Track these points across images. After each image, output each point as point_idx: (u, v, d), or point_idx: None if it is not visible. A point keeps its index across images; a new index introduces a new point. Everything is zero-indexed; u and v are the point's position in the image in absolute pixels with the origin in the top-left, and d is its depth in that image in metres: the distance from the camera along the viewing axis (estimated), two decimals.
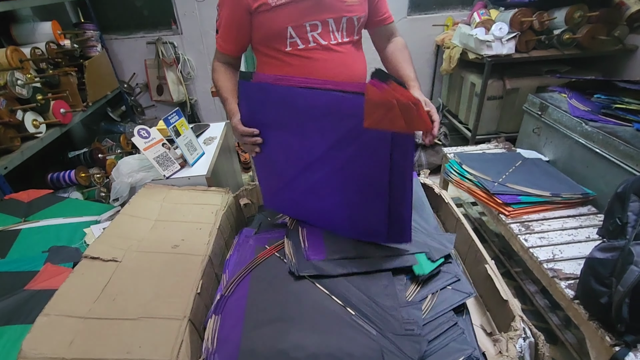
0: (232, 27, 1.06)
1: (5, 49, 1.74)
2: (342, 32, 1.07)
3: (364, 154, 0.85)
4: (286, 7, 0.99)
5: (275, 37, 1.04)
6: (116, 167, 1.33)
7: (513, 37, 2.22)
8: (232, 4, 1.02)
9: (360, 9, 1.06)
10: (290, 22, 1.01)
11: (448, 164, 1.89)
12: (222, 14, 1.06)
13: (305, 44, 1.04)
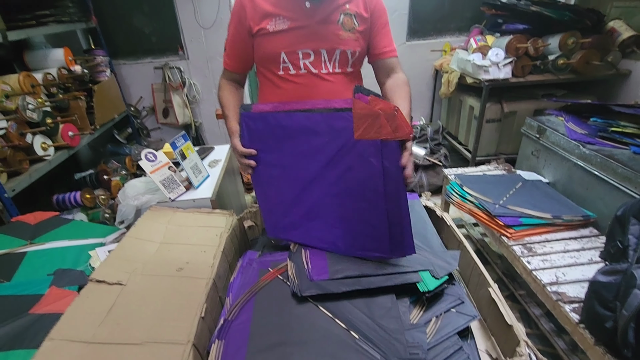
0: (236, 47, 1.14)
1: (18, 74, 1.80)
2: (334, 62, 1.11)
3: (357, 165, 0.91)
4: (282, 34, 1.05)
5: (270, 60, 1.10)
6: (122, 189, 1.36)
7: (509, 63, 2.29)
8: (237, 26, 1.10)
9: (354, 44, 1.10)
10: (284, 48, 1.07)
11: (449, 186, 1.91)
12: (229, 34, 1.14)
13: (296, 70, 1.10)
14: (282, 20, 1.04)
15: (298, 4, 1.04)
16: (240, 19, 1.08)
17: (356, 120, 0.87)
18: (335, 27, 1.06)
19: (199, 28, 2.75)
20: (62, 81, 2.13)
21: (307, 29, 1.05)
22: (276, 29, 1.05)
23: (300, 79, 1.10)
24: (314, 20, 1.05)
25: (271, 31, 1.05)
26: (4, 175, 1.68)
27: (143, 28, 2.85)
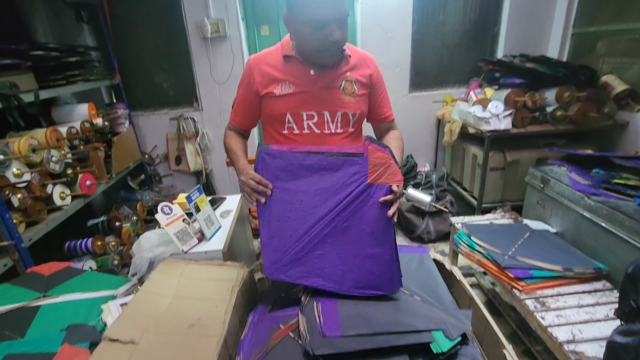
0: (244, 106, 1.24)
1: (46, 129, 1.92)
2: (336, 123, 1.19)
3: (367, 206, 1.01)
4: (288, 97, 1.15)
5: (276, 120, 1.19)
6: (137, 242, 1.39)
7: (509, 114, 2.39)
8: (247, 87, 1.20)
9: (355, 106, 1.18)
10: (289, 110, 1.16)
11: (457, 235, 1.92)
12: (238, 93, 1.25)
13: (300, 130, 1.18)
14: (288, 85, 1.15)
15: (303, 71, 1.15)
16: (249, 82, 1.18)
17: (371, 167, 1.00)
18: (337, 92, 1.16)
19: (214, 83, 2.94)
20: (84, 134, 2.25)
21: (311, 93, 1.15)
22: (282, 92, 1.14)
23: (303, 138, 1.18)
24: (318, 86, 1.15)
25: (277, 94, 1.15)
26: (22, 225, 1.74)
27: (162, 83, 3.05)
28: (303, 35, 1.06)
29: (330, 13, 1.00)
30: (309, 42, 1.06)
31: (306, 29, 1.03)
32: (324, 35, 1.02)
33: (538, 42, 3.02)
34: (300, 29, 1.05)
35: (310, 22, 1.01)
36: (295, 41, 1.12)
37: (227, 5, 2.74)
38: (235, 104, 1.27)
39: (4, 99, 1.65)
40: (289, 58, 1.15)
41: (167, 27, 2.89)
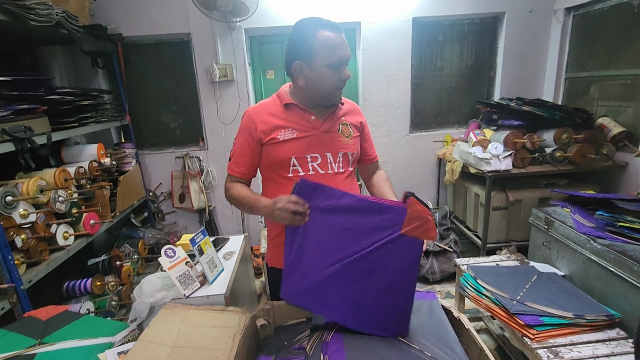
0: (245, 155, 1.24)
1: (55, 170, 1.96)
2: (338, 163, 1.26)
3: (395, 255, 1.03)
4: (292, 141, 1.20)
5: (280, 165, 1.22)
6: (139, 285, 1.37)
7: (509, 155, 2.43)
8: (247, 137, 1.22)
9: (354, 147, 1.29)
10: (294, 154, 1.20)
11: (462, 278, 1.88)
12: (237, 144, 1.25)
13: (305, 172, 1.22)
14: (291, 131, 1.20)
15: (305, 118, 1.22)
16: (251, 131, 1.21)
17: (408, 218, 1.01)
18: (336, 134, 1.25)
19: (220, 123, 3.03)
20: (91, 173, 2.29)
21: (315, 136, 1.22)
22: (286, 137, 1.20)
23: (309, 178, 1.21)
24: (319, 130, 1.23)
25: (281, 140, 1.19)
26: (23, 266, 1.73)
27: (170, 123, 3.15)
28: (320, 79, 1.16)
29: (345, 55, 1.15)
30: (326, 84, 1.16)
31: (325, 71, 1.14)
32: (339, 75, 1.16)
33: (533, 85, 3.14)
34: (318, 74, 1.15)
35: (331, 65, 1.13)
36: (308, 87, 1.19)
37: (235, 51, 2.89)
38: (234, 155, 1.26)
39: (17, 141, 1.70)
40: (289, 106, 1.23)
41: (178, 71, 3.03)
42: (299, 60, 1.15)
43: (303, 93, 1.22)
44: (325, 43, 1.12)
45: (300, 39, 1.14)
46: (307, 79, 1.17)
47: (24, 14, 1.71)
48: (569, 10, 2.87)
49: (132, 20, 2.78)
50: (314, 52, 1.12)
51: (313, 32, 1.12)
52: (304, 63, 1.15)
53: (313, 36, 1.12)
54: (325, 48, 1.12)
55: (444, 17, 3.01)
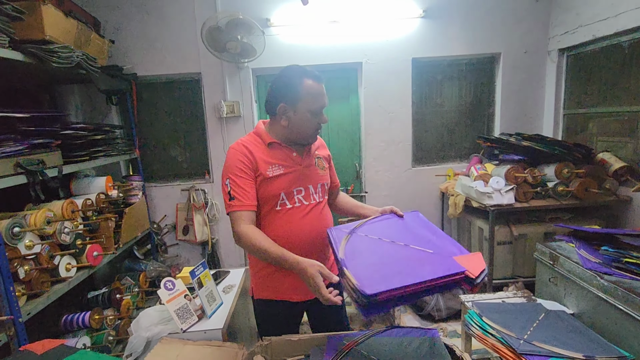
0: (250, 187, 1.26)
1: (63, 202, 2.01)
2: (318, 194, 1.40)
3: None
4: (280, 177, 1.30)
5: (270, 199, 1.30)
6: (136, 319, 1.36)
7: (511, 189, 2.44)
8: (246, 170, 1.26)
9: (326, 178, 1.46)
10: (283, 189, 1.30)
11: (467, 315, 1.83)
12: (237, 179, 1.24)
13: (292, 204, 1.33)
14: (278, 167, 1.30)
15: (287, 155, 1.34)
16: (245, 163, 1.26)
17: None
18: (314, 168, 1.40)
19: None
20: (98, 205, 2.34)
21: (297, 172, 1.34)
22: (274, 174, 1.29)
23: (294, 210, 1.33)
24: (301, 165, 1.35)
25: (270, 176, 1.28)
26: (23, 297, 1.72)
27: (177, 156, 3.25)
28: (302, 121, 1.28)
29: (325, 103, 1.30)
30: (307, 126, 1.30)
31: (307, 116, 1.27)
32: (318, 120, 1.30)
33: (532, 121, 3.21)
34: (301, 117, 1.27)
35: (313, 111, 1.27)
36: (290, 127, 1.30)
37: (242, 89, 3.03)
38: (238, 191, 1.23)
39: (30, 174, 1.77)
40: (272, 144, 1.32)
41: (187, 108, 3.17)
42: (284, 103, 1.26)
43: (284, 132, 1.32)
44: (309, 91, 1.24)
45: (288, 83, 1.26)
46: (290, 121, 1.28)
47: (47, 57, 1.84)
48: (562, 51, 2.99)
49: (146, 60, 2.96)
50: (299, 97, 1.25)
51: (299, 79, 1.24)
52: (288, 106, 1.26)
53: (299, 83, 1.24)
54: (309, 95, 1.25)
55: (442, 58, 3.16)
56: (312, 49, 3.01)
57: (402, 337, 1.31)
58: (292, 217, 1.32)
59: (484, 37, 3.08)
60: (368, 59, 3.07)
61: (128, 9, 2.89)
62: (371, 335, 1.32)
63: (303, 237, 1.33)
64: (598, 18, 2.54)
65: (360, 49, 3.06)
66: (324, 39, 3.01)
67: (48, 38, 1.90)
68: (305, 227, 1.33)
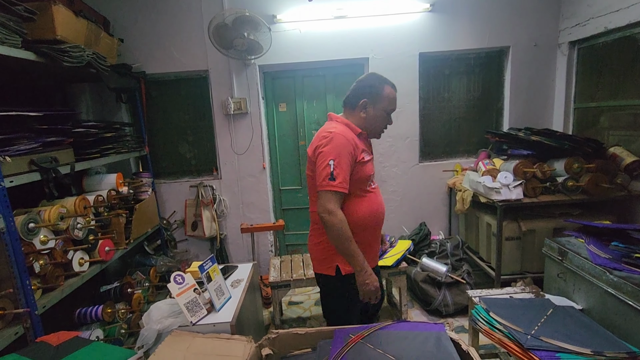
0: (349, 173, 1.43)
1: (75, 198, 2.06)
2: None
3: None
4: (369, 162, 1.54)
5: (364, 180, 1.51)
6: (148, 312, 1.40)
7: (519, 185, 2.42)
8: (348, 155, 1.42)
9: None
10: (371, 172, 1.55)
11: (474, 310, 1.83)
12: (342, 163, 1.39)
13: (374, 184, 1.60)
14: (367, 153, 1.54)
15: (368, 143, 1.61)
16: (350, 151, 1.43)
17: None
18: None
19: (233, 154, 3.15)
20: (109, 201, 2.39)
21: (372, 160, 1.58)
22: (367, 159, 1.51)
23: (374, 190, 1.58)
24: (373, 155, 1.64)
25: (365, 160, 1.49)
26: (39, 291, 1.78)
27: (185, 153, 3.29)
28: (377, 118, 1.52)
29: (396, 108, 1.57)
30: (379, 123, 1.55)
31: (383, 114, 1.53)
32: (388, 120, 1.57)
33: (542, 115, 3.17)
34: (377, 114, 1.52)
35: (387, 111, 1.54)
36: (368, 121, 1.52)
37: (249, 86, 3.05)
38: (341, 174, 1.38)
39: (43, 171, 1.81)
40: (360, 135, 1.53)
41: (195, 105, 3.20)
42: (366, 99, 1.50)
43: (362, 124, 1.53)
44: (388, 95, 1.51)
45: (372, 84, 1.51)
46: (368, 115, 1.52)
47: (58, 56, 1.88)
48: (573, 44, 2.94)
49: (155, 58, 3.00)
50: (381, 98, 1.50)
51: (382, 84, 1.51)
52: (369, 102, 1.50)
53: (381, 87, 1.50)
54: (387, 98, 1.51)
55: (449, 52, 3.13)
56: (318, 44, 3.01)
57: (408, 331, 1.32)
58: (377, 196, 1.58)
59: (493, 30, 3.04)
60: (375, 54, 3.06)
61: (136, 7, 2.93)
62: (378, 329, 1.34)
63: (382, 212, 1.59)
64: (610, 9, 2.48)
65: (367, 44, 3.05)
66: (331, 35, 3.00)
67: (59, 38, 1.93)
68: (382, 204, 1.59)
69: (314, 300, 3.03)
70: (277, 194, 3.40)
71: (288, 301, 3.04)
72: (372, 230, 1.55)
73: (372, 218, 1.53)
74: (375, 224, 1.56)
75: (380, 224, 1.61)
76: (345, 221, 1.38)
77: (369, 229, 1.53)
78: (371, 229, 1.55)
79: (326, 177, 1.37)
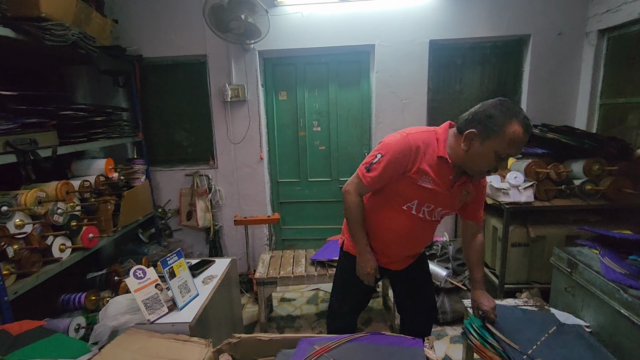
0: (386, 177, 1.30)
1: (57, 183, 2.01)
2: (440, 214, 1.40)
3: None
4: (425, 190, 1.29)
5: (402, 197, 1.34)
6: (105, 307, 1.32)
7: (530, 186, 2.21)
8: (398, 163, 1.27)
9: (457, 208, 1.43)
10: (419, 198, 1.33)
11: (467, 321, 1.66)
12: (384, 164, 1.28)
13: (417, 212, 1.36)
14: (430, 181, 1.29)
15: (446, 174, 1.29)
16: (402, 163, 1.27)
17: None
18: (457, 198, 1.36)
19: (230, 143, 3.05)
20: (97, 187, 2.33)
21: (441, 194, 1.31)
22: (423, 184, 1.29)
23: (414, 217, 1.37)
24: (449, 191, 1.32)
25: (419, 184, 1.29)
26: (12, 277, 1.73)
27: (182, 141, 3.22)
28: (482, 158, 1.20)
29: (515, 153, 1.20)
30: (482, 164, 1.22)
31: (491, 156, 1.18)
32: (496, 164, 1.21)
33: (563, 111, 2.90)
34: (483, 152, 1.18)
35: (498, 155, 1.17)
36: (466, 154, 1.22)
37: (247, 72, 2.93)
38: (377, 170, 1.29)
39: (20, 153, 1.76)
40: (441, 159, 1.27)
41: (193, 91, 3.11)
42: (476, 130, 1.18)
43: (458, 155, 1.24)
44: (509, 135, 1.13)
45: (493, 115, 1.15)
46: (471, 149, 1.20)
47: (38, 34, 1.80)
48: (602, 32, 2.65)
49: (153, 42, 2.91)
50: (496, 136, 1.14)
51: (508, 118, 1.13)
52: (478, 135, 1.18)
53: (506, 122, 1.13)
54: (506, 140, 1.14)
55: (463, 40, 2.90)
56: (322, 29, 2.84)
57: (381, 345, 1.18)
58: (409, 221, 1.38)
59: (512, 17, 2.78)
60: (381, 41, 2.87)
61: None
62: (347, 341, 1.21)
63: (405, 239, 1.43)
64: None
65: (373, 30, 2.86)
66: (335, 19, 2.83)
67: (44, 15, 1.86)
68: (413, 233, 1.41)
69: (306, 299, 2.92)
70: (274, 186, 3.29)
71: (280, 297, 2.94)
72: (385, 241, 1.46)
73: (387, 232, 1.43)
74: (389, 241, 1.45)
75: (398, 244, 1.46)
76: (360, 207, 1.37)
77: (380, 240, 1.46)
78: (384, 241, 1.46)
79: (366, 163, 1.33)
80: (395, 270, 1.56)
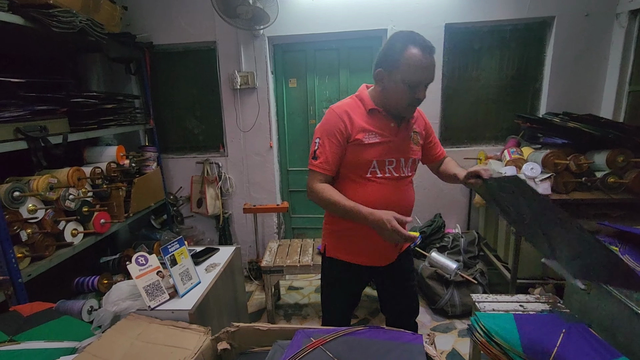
0: (335, 153, 1.28)
1: (69, 169, 2.05)
2: (408, 167, 1.37)
3: None
4: (375, 146, 1.28)
5: (360, 166, 1.29)
6: (108, 292, 1.34)
7: (547, 178, 2.10)
8: (338, 136, 1.26)
9: (419, 153, 1.42)
10: (375, 157, 1.29)
11: (473, 317, 1.61)
12: (327, 142, 1.27)
13: (382, 174, 1.31)
14: (375, 135, 1.28)
15: (386, 124, 1.30)
16: (341, 129, 1.27)
17: None
18: (409, 141, 1.35)
19: (239, 131, 3.03)
20: (109, 174, 2.38)
21: (393, 142, 1.30)
22: (370, 141, 1.27)
23: (383, 180, 1.32)
24: (398, 137, 1.31)
25: (365, 143, 1.26)
26: (26, 260, 1.80)
27: (193, 129, 3.23)
28: (397, 92, 1.21)
29: (426, 77, 1.20)
30: (399, 97, 1.22)
31: (402, 87, 1.19)
32: (413, 94, 1.20)
33: (588, 99, 2.73)
34: (395, 87, 1.21)
35: (408, 82, 1.18)
36: (384, 95, 1.26)
37: (257, 59, 2.89)
38: (324, 153, 1.27)
39: (30, 140, 1.79)
40: (373, 111, 1.30)
41: (203, 78, 3.10)
42: (381, 69, 1.23)
43: (381, 99, 1.28)
44: (409, 60, 1.15)
45: (389, 49, 1.20)
46: (384, 88, 1.25)
47: (46, 21, 1.81)
48: (634, 13, 2.46)
49: (163, 29, 2.90)
50: (397, 65, 1.18)
51: (403, 46, 1.17)
52: (384, 72, 1.22)
53: (401, 50, 1.16)
54: (407, 65, 1.16)
55: (481, 23, 2.75)
56: (332, 14, 2.76)
57: (379, 340, 1.15)
58: (377, 187, 1.32)
59: None
60: (394, 25, 2.76)
61: None
62: (345, 334, 1.18)
63: (389, 207, 1.25)
64: None
65: (386, 13, 2.75)
66: (346, 3, 2.73)
67: (52, 2, 1.87)
68: (392, 198, 1.32)
69: (314, 287, 2.92)
70: (284, 174, 3.27)
71: (288, 286, 2.96)
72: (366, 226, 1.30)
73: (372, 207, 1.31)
74: None
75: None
76: (325, 189, 1.27)
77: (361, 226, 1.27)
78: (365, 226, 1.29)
79: (311, 154, 1.30)
80: (381, 267, 1.45)
